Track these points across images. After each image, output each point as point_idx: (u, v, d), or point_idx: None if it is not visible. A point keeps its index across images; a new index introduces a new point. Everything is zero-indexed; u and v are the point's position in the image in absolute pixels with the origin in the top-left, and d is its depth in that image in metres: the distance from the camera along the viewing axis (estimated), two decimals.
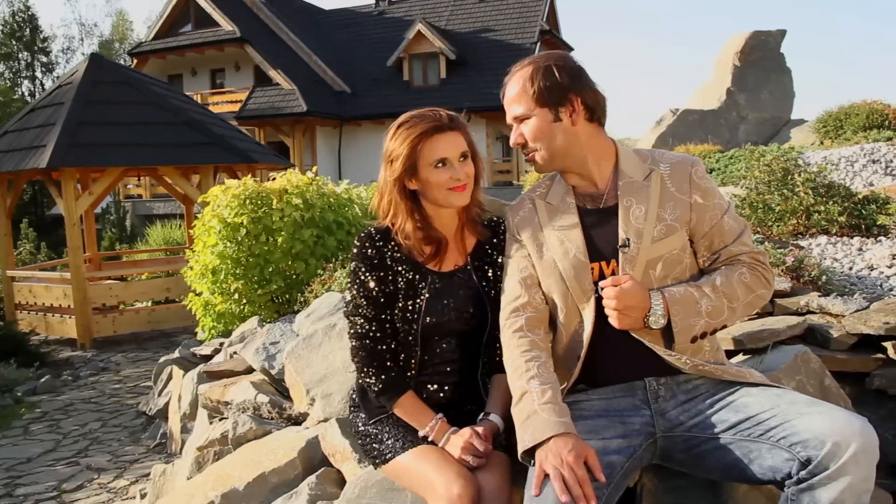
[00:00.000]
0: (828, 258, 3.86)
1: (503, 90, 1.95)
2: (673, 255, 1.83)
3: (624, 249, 1.82)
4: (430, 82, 23.86)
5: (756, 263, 1.88)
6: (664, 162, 1.91)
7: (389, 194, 2.02)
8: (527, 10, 24.87)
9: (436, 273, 2.05)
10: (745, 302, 1.83)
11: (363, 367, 2.02)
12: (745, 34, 13.47)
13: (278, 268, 5.30)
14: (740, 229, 1.91)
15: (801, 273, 3.16)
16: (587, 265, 1.86)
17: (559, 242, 1.90)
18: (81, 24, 49.88)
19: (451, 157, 1.96)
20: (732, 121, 12.92)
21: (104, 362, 8.23)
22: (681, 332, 1.75)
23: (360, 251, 2.02)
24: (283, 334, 3.61)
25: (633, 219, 1.84)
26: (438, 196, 1.98)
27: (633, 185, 1.88)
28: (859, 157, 6.94)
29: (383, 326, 2.02)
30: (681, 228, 1.84)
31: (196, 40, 24.47)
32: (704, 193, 1.87)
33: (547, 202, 1.99)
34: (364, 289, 2.02)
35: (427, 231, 2.03)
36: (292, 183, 5.45)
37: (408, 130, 1.96)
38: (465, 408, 2.03)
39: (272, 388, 3.34)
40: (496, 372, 2.04)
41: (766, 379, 1.80)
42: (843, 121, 9.14)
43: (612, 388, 1.84)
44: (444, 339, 2.04)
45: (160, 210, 22.00)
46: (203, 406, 3.67)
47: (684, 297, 1.76)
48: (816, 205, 4.20)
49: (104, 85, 9.63)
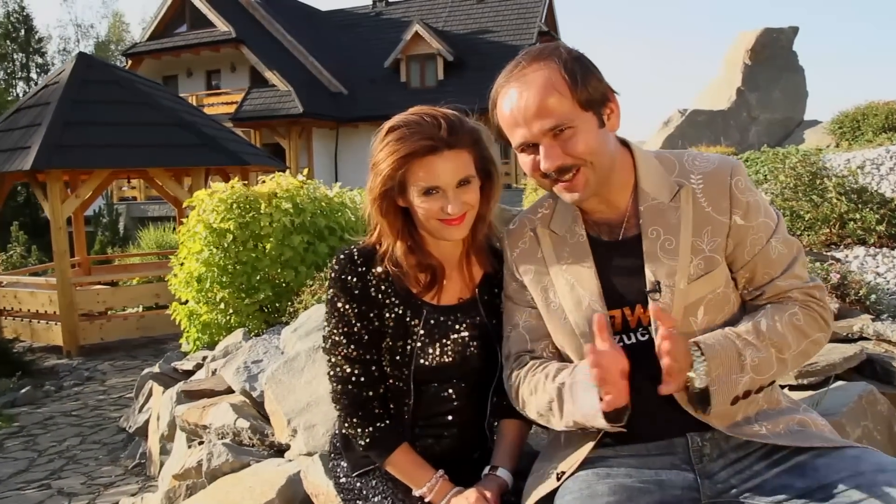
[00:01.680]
0: (869, 272, 3.53)
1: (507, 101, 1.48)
2: (717, 295, 1.48)
3: (654, 296, 1.46)
4: (427, 84, 23.62)
5: (811, 301, 1.51)
6: (696, 172, 1.52)
7: (374, 213, 1.66)
8: (525, 11, 24.65)
9: (433, 307, 1.70)
10: (799, 351, 1.48)
11: (346, 418, 1.69)
12: (755, 31, 13.03)
13: (267, 276, 5.02)
14: (791, 256, 1.53)
15: (846, 291, 2.83)
16: (605, 317, 1.48)
17: (569, 288, 1.55)
18: (77, 26, 49.57)
19: (444, 186, 1.58)
20: (743, 121, 12.55)
21: (90, 371, 7.94)
22: (720, 392, 1.39)
23: (339, 277, 1.67)
24: (267, 352, 3.33)
25: (663, 254, 1.48)
26: (427, 225, 1.63)
27: (659, 208, 1.51)
28: (885, 159, 6.54)
29: (369, 369, 1.68)
30: (722, 260, 1.49)
31: (191, 41, 24.23)
32: (747, 211, 1.50)
33: (551, 230, 1.62)
34: (344, 324, 1.67)
35: (421, 257, 1.67)
36: (282, 186, 5.17)
37: (395, 144, 1.58)
38: (471, 456, 1.73)
39: (254, 412, 3.06)
40: (506, 417, 1.72)
41: (835, 433, 1.48)
42: (861, 121, 8.79)
43: (646, 446, 1.50)
44: (444, 385, 1.70)
45: (155, 212, 21.71)
46: (181, 428, 3.39)
47: (724, 349, 1.40)
48: (850, 212, 3.84)
49: (92, 84, 9.34)
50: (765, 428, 1.46)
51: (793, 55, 13.48)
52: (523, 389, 1.57)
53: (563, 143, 1.45)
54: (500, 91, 1.52)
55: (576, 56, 1.49)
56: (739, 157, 7.69)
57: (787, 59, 13.35)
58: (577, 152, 1.45)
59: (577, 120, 1.44)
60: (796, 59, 13.49)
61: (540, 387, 1.53)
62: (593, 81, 1.47)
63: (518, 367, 1.61)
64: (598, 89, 1.47)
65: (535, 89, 1.45)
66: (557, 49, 1.50)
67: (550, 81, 1.44)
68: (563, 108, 1.43)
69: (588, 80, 1.46)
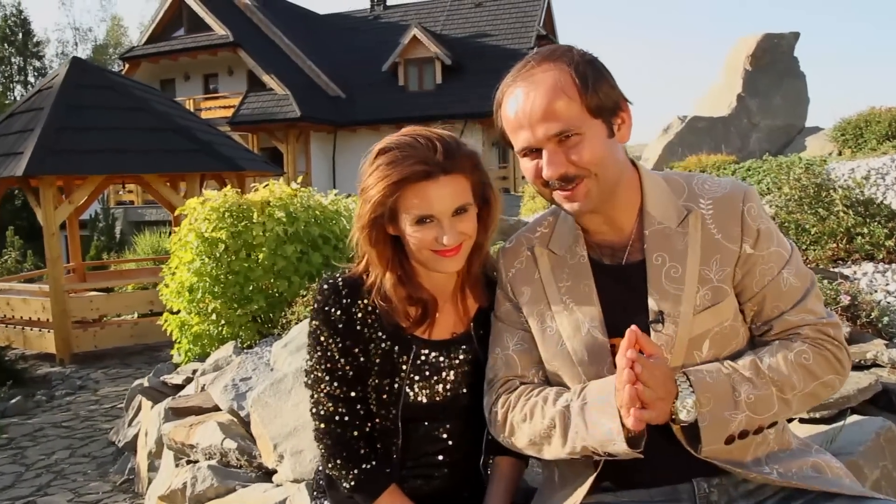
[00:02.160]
0: (878, 290, 3.39)
1: (512, 102, 1.39)
2: (724, 329, 1.37)
3: (657, 327, 1.35)
4: (425, 87, 23.58)
5: (824, 339, 1.38)
6: (706, 197, 1.42)
7: (362, 242, 1.55)
8: (523, 15, 24.62)
9: (423, 342, 1.58)
10: (806, 392, 1.36)
11: (330, 458, 1.57)
12: (756, 36, 12.91)
13: (259, 286, 4.92)
14: (804, 289, 1.41)
15: (857, 313, 2.69)
16: (605, 345, 1.40)
17: (567, 312, 1.45)
18: (76, 29, 49.50)
19: (439, 214, 1.46)
20: (744, 128, 12.43)
21: (82, 380, 7.83)
22: (710, 428, 1.29)
23: (322, 309, 1.56)
24: (256, 368, 3.24)
25: (668, 282, 1.38)
26: (420, 257, 1.52)
27: (665, 233, 1.41)
28: (890, 168, 6.36)
29: (353, 408, 1.57)
30: (731, 291, 1.39)
31: (189, 44, 24.19)
32: (758, 240, 1.40)
33: (550, 250, 1.52)
34: (327, 360, 1.56)
35: (411, 289, 1.55)
36: (275, 195, 5.07)
37: (387, 169, 1.46)
38: (462, 495, 1.62)
39: (242, 431, 2.96)
40: (500, 454, 1.60)
41: (853, 478, 1.38)
42: (864, 129, 8.65)
43: (648, 492, 1.40)
44: (435, 424, 1.60)
45: (153, 216, 21.64)
46: (168, 447, 3.29)
47: (716, 382, 1.30)
48: (858, 226, 3.71)
49: (86, 89, 9.25)
50: (776, 471, 1.36)
51: (794, 61, 13.36)
52: (514, 415, 1.47)
53: (568, 150, 1.35)
54: (507, 91, 1.42)
55: (589, 59, 1.40)
56: (740, 166, 7.58)
57: (788, 65, 13.23)
58: (583, 161, 1.35)
59: (584, 126, 1.35)
60: (797, 64, 13.38)
61: (537, 411, 1.43)
62: (605, 87, 1.37)
63: (507, 391, 1.51)
64: (611, 96, 1.38)
65: (542, 90, 1.35)
66: (570, 51, 1.41)
67: (560, 83, 1.35)
68: (570, 113, 1.34)
69: (600, 85, 1.37)
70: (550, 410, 1.40)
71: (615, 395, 1.29)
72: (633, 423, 1.24)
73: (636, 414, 1.24)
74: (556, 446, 1.40)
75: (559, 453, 1.40)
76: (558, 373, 1.47)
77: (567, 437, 1.37)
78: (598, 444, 1.32)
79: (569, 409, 1.38)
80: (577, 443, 1.36)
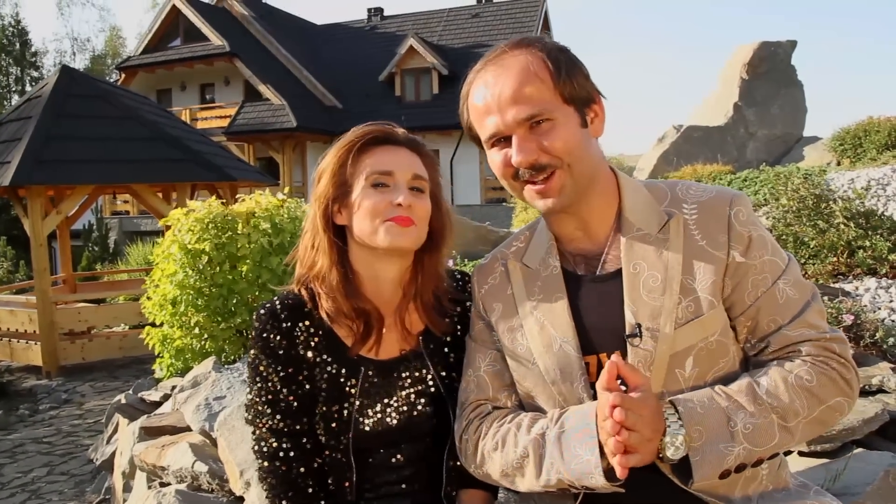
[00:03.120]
0: (882, 307, 3.21)
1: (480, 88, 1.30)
2: (710, 345, 1.25)
3: (634, 340, 1.24)
4: (422, 98, 23.53)
5: (829, 357, 1.25)
6: (690, 201, 1.31)
7: (312, 228, 1.47)
8: (520, 26, 24.61)
9: (371, 361, 1.47)
10: (811, 418, 1.22)
11: (274, 500, 1.45)
12: (753, 44, 12.82)
13: (244, 299, 4.80)
14: (803, 301, 1.28)
15: (860, 333, 2.53)
16: (579, 361, 1.29)
17: (539, 328, 1.34)
18: (74, 39, 49.52)
19: (398, 175, 1.41)
20: (740, 138, 12.32)
21: (68, 393, 7.69)
22: (704, 464, 1.16)
23: (260, 336, 1.45)
24: (231, 386, 3.10)
25: (646, 292, 1.26)
26: (367, 228, 1.40)
27: (644, 240, 1.30)
28: (891, 179, 6.22)
29: (299, 442, 1.45)
30: (718, 304, 1.26)
31: (185, 54, 24.14)
32: (748, 247, 1.28)
33: (523, 264, 1.42)
34: (267, 391, 1.44)
35: (354, 300, 1.44)
36: (261, 205, 4.96)
37: (344, 139, 1.46)
38: None
39: (215, 453, 2.82)
40: (466, 486, 1.49)
41: None
42: (863, 138, 8.56)
43: None
44: (391, 451, 1.48)
45: (148, 227, 21.55)
46: (140, 468, 3.15)
47: (708, 413, 1.18)
48: (859, 239, 3.54)
49: (75, 99, 9.15)
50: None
51: (791, 69, 13.27)
52: (486, 443, 1.36)
53: (540, 136, 1.26)
54: (475, 79, 1.34)
55: (562, 48, 1.31)
56: (737, 176, 7.45)
57: (786, 74, 13.14)
58: (555, 149, 1.26)
59: (557, 112, 1.26)
60: (795, 73, 13.28)
61: (510, 439, 1.32)
62: (579, 77, 1.30)
63: (478, 417, 1.40)
64: (584, 87, 1.30)
65: (512, 73, 1.27)
66: (542, 38, 1.34)
67: (532, 66, 1.27)
68: (542, 97, 1.26)
69: (573, 73, 1.29)
70: (524, 438, 1.29)
71: (595, 426, 1.18)
72: (620, 472, 1.13)
73: (622, 461, 1.12)
74: (530, 478, 1.28)
75: (533, 486, 1.28)
76: (531, 393, 1.37)
77: (542, 469, 1.26)
78: (575, 477, 1.21)
79: (544, 438, 1.27)
80: (552, 475, 1.24)
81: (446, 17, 26.67)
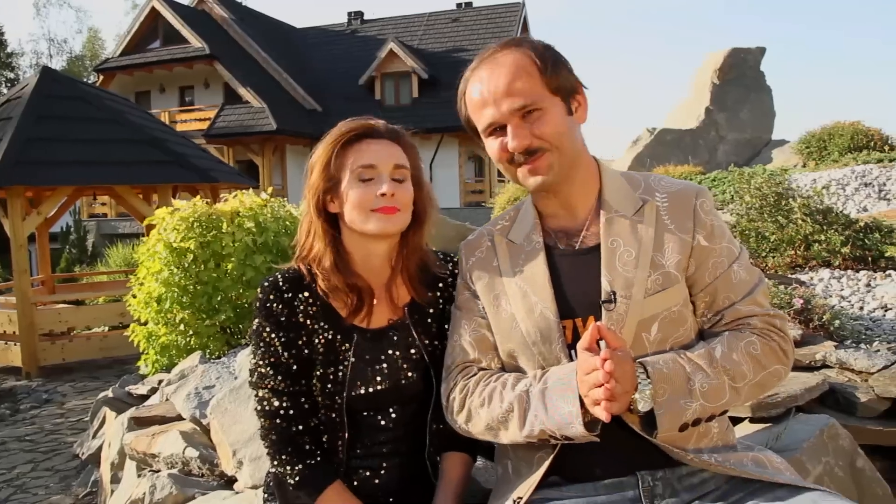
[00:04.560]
0: (833, 295, 3.46)
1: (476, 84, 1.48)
2: (672, 314, 1.43)
3: (608, 306, 1.41)
4: (402, 101, 23.66)
5: (771, 330, 1.46)
6: (661, 191, 1.51)
7: (308, 216, 1.64)
8: (500, 31, 24.83)
9: (363, 330, 1.64)
10: (755, 382, 1.42)
11: (275, 455, 1.60)
12: (723, 51, 13.23)
13: (228, 296, 4.89)
14: (753, 283, 1.49)
15: (809, 316, 2.76)
16: (557, 325, 1.45)
17: (521, 295, 1.50)
18: (50, 40, 49.05)
19: (381, 167, 1.58)
20: (711, 141, 12.66)
21: (49, 393, 7.71)
22: (666, 416, 1.34)
23: (264, 306, 1.61)
24: (220, 377, 3.21)
25: (621, 265, 1.44)
26: (357, 218, 1.57)
27: (621, 219, 1.48)
28: (850, 179, 6.59)
29: (298, 402, 1.60)
30: (682, 279, 1.45)
31: (164, 57, 24.08)
32: (711, 233, 1.47)
33: (508, 240, 1.58)
34: (270, 354, 1.60)
35: (347, 276, 1.61)
36: (245, 205, 5.05)
37: (331, 135, 1.63)
38: (412, 493, 1.63)
39: (205, 440, 2.93)
40: (448, 449, 1.64)
41: (794, 472, 1.42)
42: (827, 141, 8.91)
43: (594, 485, 1.43)
44: (379, 413, 1.63)
45: (126, 229, 21.45)
46: (130, 457, 3.25)
47: (672, 372, 1.36)
48: (815, 233, 3.80)
49: (56, 100, 9.16)
50: (714, 458, 1.40)
51: (760, 75, 13.67)
52: (473, 400, 1.51)
53: (531, 123, 1.45)
54: (471, 76, 1.52)
55: (547, 45, 1.50)
56: (707, 176, 7.72)
57: (755, 79, 13.53)
58: (545, 134, 1.44)
59: (545, 102, 1.45)
60: (764, 78, 13.68)
61: (496, 396, 1.47)
62: (563, 71, 1.48)
63: (465, 377, 1.55)
64: (568, 79, 1.49)
65: (505, 70, 1.46)
66: (529, 39, 1.52)
67: (521, 63, 1.45)
68: (532, 89, 1.44)
69: (558, 68, 1.47)
70: (509, 395, 1.44)
71: (577, 382, 1.34)
72: (606, 417, 1.29)
73: (606, 407, 1.28)
74: (514, 430, 1.43)
75: (516, 437, 1.43)
76: (513, 354, 1.52)
77: (525, 421, 1.41)
78: (556, 427, 1.36)
79: (528, 394, 1.42)
80: (535, 426, 1.39)
81: (426, 21, 26.82)
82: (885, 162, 7.17)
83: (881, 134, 9.49)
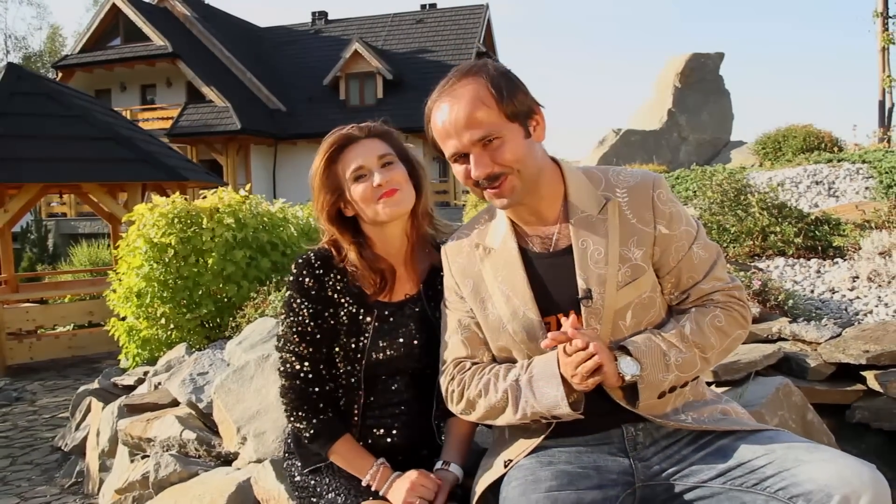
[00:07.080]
0: (787, 280, 3.81)
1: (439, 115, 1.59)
2: (644, 300, 1.62)
3: (586, 302, 1.58)
4: (366, 102, 23.71)
5: (732, 301, 1.66)
6: (621, 186, 1.64)
7: (326, 232, 1.88)
8: (464, 32, 25.04)
9: (384, 304, 1.85)
10: (721, 349, 1.63)
11: (292, 411, 1.81)
12: (684, 56, 13.69)
13: (208, 291, 5.00)
14: (711, 260, 1.67)
15: (766, 297, 3.07)
16: (540, 324, 1.62)
17: (505, 299, 1.66)
18: (8, 36, 47.85)
19: (368, 164, 1.79)
20: (674, 141, 13.11)
21: (18, 392, 7.65)
22: (647, 388, 1.53)
23: (297, 280, 1.81)
24: (213, 364, 3.34)
25: (593, 263, 1.59)
26: (369, 212, 1.80)
27: (588, 221, 1.62)
28: (803, 178, 7.04)
29: (317, 367, 1.81)
30: (648, 267, 1.62)
31: (126, 54, 23.77)
32: (670, 221, 1.62)
33: (486, 245, 1.73)
34: (298, 323, 1.80)
35: (371, 261, 1.82)
36: (224, 201, 5.16)
37: (318, 154, 1.84)
38: (420, 453, 1.83)
39: (200, 423, 3.07)
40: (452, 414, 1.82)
41: (752, 419, 1.64)
42: (782, 143, 9.41)
43: (585, 438, 1.64)
44: (393, 378, 1.84)
45: (86, 229, 21.12)
46: (123, 443, 3.36)
47: (650, 350, 1.54)
48: (772, 226, 4.14)
49: (21, 97, 9.07)
50: (690, 417, 1.61)
51: (720, 79, 14.16)
52: (470, 392, 1.68)
53: (492, 152, 1.56)
54: (433, 106, 1.63)
55: (502, 72, 1.62)
56: (670, 175, 8.07)
57: (715, 83, 14.03)
58: (505, 160, 1.56)
59: (504, 130, 1.55)
60: (723, 83, 14.18)
61: (491, 387, 1.64)
62: (519, 95, 1.58)
63: (460, 372, 1.72)
64: (524, 103, 1.59)
65: (464, 103, 1.56)
66: (485, 66, 1.62)
67: (478, 95, 1.55)
68: (490, 120, 1.54)
69: (514, 94, 1.57)
70: (502, 385, 1.63)
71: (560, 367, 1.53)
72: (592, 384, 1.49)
73: (592, 382, 1.49)
74: (509, 414, 1.62)
75: (511, 420, 1.63)
76: (506, 348, 1.69)
77: (518, 406, 1.59)
78: (545, 409, 1.55)
79: (518, 383, 1.60)
80: (527, 410, 1.58)
81: (390, 22, 26.91)
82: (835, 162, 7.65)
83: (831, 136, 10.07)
